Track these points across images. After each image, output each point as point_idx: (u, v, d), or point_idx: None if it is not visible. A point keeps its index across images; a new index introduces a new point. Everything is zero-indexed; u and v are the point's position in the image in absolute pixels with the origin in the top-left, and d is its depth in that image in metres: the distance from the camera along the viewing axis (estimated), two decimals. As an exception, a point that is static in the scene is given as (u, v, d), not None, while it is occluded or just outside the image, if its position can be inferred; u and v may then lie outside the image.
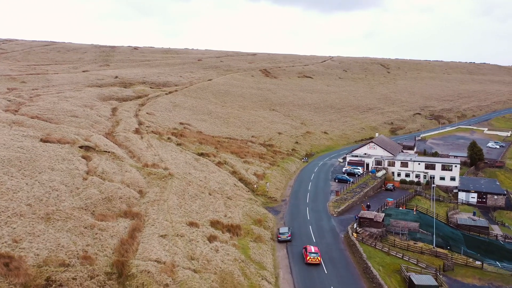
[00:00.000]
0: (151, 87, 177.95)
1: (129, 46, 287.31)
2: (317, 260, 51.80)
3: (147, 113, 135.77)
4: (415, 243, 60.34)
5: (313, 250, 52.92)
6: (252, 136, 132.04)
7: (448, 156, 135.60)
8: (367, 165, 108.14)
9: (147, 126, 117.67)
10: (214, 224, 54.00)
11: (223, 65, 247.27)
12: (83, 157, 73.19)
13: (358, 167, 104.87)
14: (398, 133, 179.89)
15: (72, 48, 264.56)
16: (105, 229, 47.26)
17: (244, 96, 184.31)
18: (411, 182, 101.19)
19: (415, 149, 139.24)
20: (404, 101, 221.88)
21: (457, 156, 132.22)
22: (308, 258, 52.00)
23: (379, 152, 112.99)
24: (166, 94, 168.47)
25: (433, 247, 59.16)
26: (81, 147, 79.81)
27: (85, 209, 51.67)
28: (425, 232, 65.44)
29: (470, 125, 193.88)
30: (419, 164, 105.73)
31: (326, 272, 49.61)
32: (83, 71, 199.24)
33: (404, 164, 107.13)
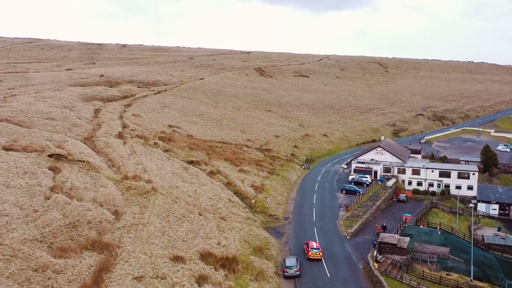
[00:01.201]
0: (138, 87, 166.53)
1: (117, 44, 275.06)
2: (318, 255, 51.87)
3: (133, 114, 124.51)
4: (448, 274, 50.04)
5: (314, 246, 53.15)
6: (248, 140, 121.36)
7: (458, 161, 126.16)
8: (375, 172, 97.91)
9: (131, 130, 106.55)
10: (205, 256, 43.21)
11: (216, 63, 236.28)
12: (51, 168, 62.04)
13: (366, 176, 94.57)
14: (401, 135, 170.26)
15: (57, 45, 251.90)
16: (62, 270, 36.35)
17: (238, 96, 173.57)
18: (426, 192, 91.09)
19: (422, 153, 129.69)
20: (405, 101, 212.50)
21: (468, 161, 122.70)
22: (310, 253, 52.06)
23: (387, 158, 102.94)
24: (154, 94, 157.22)
25: (471, 280, 48.93)
26: (50, 155, 68.59)
27: (41, 241, 40.68)
28: (456, 258, 55.22)
29: (475, 126, 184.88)
30: (432, 171, 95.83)
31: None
32: (66, 70, 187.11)
33: (416, 172, 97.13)
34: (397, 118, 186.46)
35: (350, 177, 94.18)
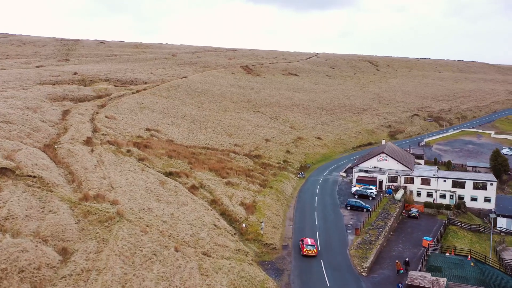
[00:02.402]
0: (115, 85, 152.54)
1: (95, 40, 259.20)
2: (313, 252, 52.68)
3: (106, 116, 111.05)
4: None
5: (309, 242, 54.03)
6: (235, 145, 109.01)
7: (465, 167, 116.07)
8: (380, 183, 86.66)
9: (103, 134, 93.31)
10: (181, 322, 30.96)
11: (200, 61, 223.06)
12: (-14, 188, 48.89)
13: (371, 187, 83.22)
14: (398, 137, 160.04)
15: (29, 41, 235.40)
16: None
17: (224, 95, 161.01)
18: (439, 206, 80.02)
19: (424, 158, 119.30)
20: (399, 101, 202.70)
21: (476, 167, 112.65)
22: (304, 250, 53.02)
23: (391, 165, 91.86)
24: (132, 93, 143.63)
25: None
26: (-8, 170, 55.39)
27: None
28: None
29: (473, 127, 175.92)
30: (444, 181, 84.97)
31: None
32: (37, 67, 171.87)
33: (426, 182, 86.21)
34: (392, 119, 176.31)
35: (353, 189, 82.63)
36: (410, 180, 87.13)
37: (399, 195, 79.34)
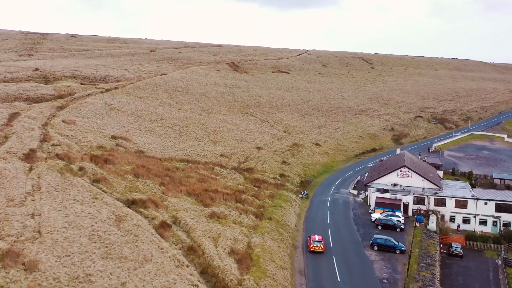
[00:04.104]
0: (82, 83, 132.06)
1: (66, 34, 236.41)
2: (320, 248, 51.38)
3: (63, 121, 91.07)
4: None
5: (317, 239, 52.71)
6: (221, 155, 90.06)
7: (489, 179, 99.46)
8: (405, 206, 68.82)
9: (53, 145, 73.49)
10: None
11: (182, 57, 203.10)
12: None
13: (396, 213, 65.20)
14: (403, 142, 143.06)
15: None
16: None
17: (208, 95, 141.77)
18: (485, 238, 62.34)
19: (442, 169, 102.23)
20: (399, 101, 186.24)
21: (504, 180, 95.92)
22: (311, 246, 51.70)
23: (415, 182, 74.28)
24: (101, 92, 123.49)
25: None
26: None
27: None
28: None
29: (482, 130, 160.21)
30: (486, 203, 67.46)
31: None
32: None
33: (462, 204, 68.69)
34: (394, 121, 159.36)
35: (373, 216, 64.58)
36: (441, 202, 69.57)
37: (433, 224, 61.53)
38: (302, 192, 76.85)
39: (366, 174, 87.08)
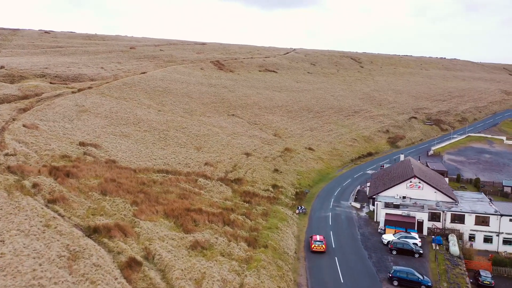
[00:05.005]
0: (51, 83, 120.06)
1: (40, 30, 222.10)
2: (321, 248, 50.50)
3: (24, 125, 79.68)
4: None
5: (318, 238, 51.78)
6: (206, 164, 79.73)
7: (497, 186, 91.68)
8: (420, 224, 59.67)
9: (7, 155, 62.38)
10: None
11: (164, 55, 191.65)
12: None
13: (412, 233, 55.90)
14: (400, 145, 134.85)
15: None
16: None
17: (191, 95, 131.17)
18: (514, 263, 53.48)
19: (448, 175, 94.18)
20: (392, 102, 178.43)
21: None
22: (313, 246, 50.80)
23: (427, 194, 65.41)
24: (73, 92, 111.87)
25: None
26: None
27: None
28: None
29: (479, 132, 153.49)
30: (511, 220, 58.71)
31: None
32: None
33: (483, 221, 59.87)
34: (388, 122, 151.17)
35: (385, 238, 55.21)
36: (459, 219, 60.66)
37: (455, 248, 52.45)
38: (299, 207, 67.08)
39: (369, 184, 77.89)
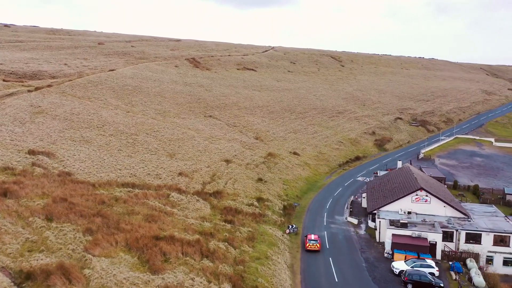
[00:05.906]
0: (5, 80, 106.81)
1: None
2: (316, 247, 50.24)
3: (-37, 130, 67.14)
4: None
5: (312, 238, 51.55)
6: (180, 174, 69.22)
7: (497, 193, 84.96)
8: (432, 246, 50.99)
9: None
10: None
11: (135, 51, 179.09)
12: None
13: (427, 261, 47.03)
14: (387, 148, 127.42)
15: None
16: None
17: (164, 95, 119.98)
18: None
19: (446, 182, 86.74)
20: (376, 102, 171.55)
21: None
22: (308, 245, 50.52)
23: (436, 209, 57.08)
24: (29, 91, 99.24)
25: None
26: None
27: None
28: None
29: (467, 133, 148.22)
30: (534, 240, 50.75)
31: None
32: None
33: (502, 240, 51.72)
34: (374, 123, 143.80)
35: (397, 267, 46.24)
36: (475, 238, 52.37)
37: (481, 278, 43.93)
38: (290, 226, 57.49)
39: (365, 196, 69.11)
